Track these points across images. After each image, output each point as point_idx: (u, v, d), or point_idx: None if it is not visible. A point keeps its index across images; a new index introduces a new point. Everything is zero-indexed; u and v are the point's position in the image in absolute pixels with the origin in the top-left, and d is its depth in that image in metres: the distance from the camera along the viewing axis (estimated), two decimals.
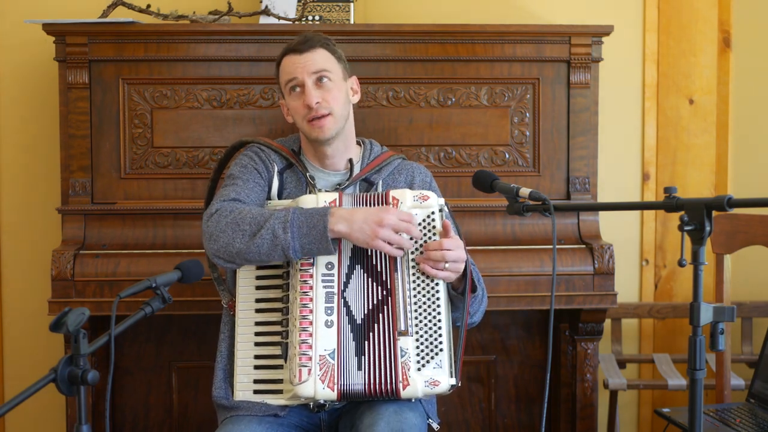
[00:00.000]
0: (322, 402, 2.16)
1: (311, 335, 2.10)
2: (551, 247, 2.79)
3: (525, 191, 2.04)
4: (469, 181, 2.29)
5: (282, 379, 2.16)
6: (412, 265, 2.16)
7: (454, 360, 2.14)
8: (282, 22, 2.93)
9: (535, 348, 3.07)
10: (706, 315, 1.70)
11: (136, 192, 2.87)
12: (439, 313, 2.14)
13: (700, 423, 1.72)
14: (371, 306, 2.15)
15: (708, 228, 1.70)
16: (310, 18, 3.01)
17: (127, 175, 2.87)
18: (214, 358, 2.31)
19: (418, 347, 2.12)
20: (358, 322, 2.15)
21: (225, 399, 2.23)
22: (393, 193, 2.19)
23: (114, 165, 2.87)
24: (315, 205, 2.16)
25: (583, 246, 2.85)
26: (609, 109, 3.26)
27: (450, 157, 2.94)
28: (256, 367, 2.19)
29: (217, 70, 2.88)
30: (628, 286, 3.37)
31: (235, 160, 2.37)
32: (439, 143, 2.93)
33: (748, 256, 3.01)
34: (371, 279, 2.16)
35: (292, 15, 2.98)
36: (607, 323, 3.18)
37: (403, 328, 2.13)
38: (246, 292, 2.22)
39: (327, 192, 2.25)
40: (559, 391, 3.02)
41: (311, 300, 2.12)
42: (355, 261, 2.17)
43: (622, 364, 3.22)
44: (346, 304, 2.15)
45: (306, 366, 2.08)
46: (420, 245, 2.17)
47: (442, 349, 2.12)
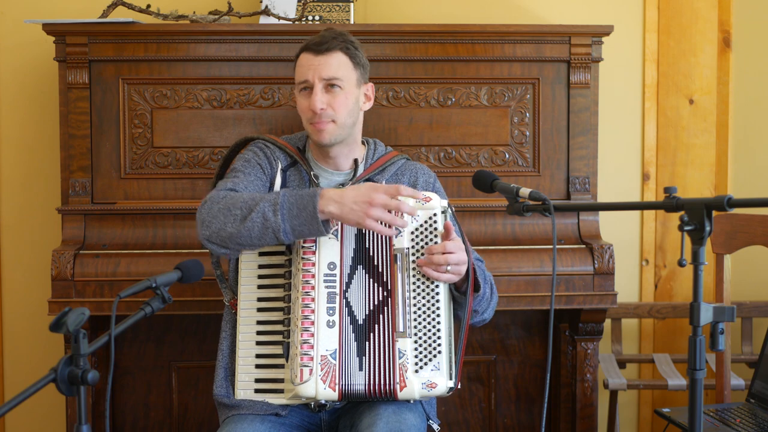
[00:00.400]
0: (323, 402, 2.16)
1: (313, 335, 2.10)
2: (551, 247, 2.79)
3: (525, 191, 2.04)
4: (469, 181, 2.29)
5: (283, 378, 2.16)
6: (413, 267, 2.15)
7: (453, 362, 2.14)
8: (282, 22, 2.93)
9: (535, 348, 3.07)
10: (706, 315, 1.70)
11: (136, 192, 2.87)
12: (438, 315, 2.13)
13: (700, 423, 1.72)
14: (372, 306, 2.15)
15: (708, 228, 1.70)
16: (310, 18, 3.01)
17: (127, 175, 2.87)
18: (214, 358, 2.31)
19: (416, 349, 2.12)
20: (359, 322, 2.14)
21: (226, 397, 2.23)
22: None
23: (114, 165, 2.87)
24: None
25: (583, 246, 2.85)
26: (609, 109, 3.26)
27: (450, 157, 2.94)
28: (258, 366, 2.18)
29: (217, 70, 2.88)
30: (628, 286, 3.37)
31: (239, 155, 2.36)
32: (439, 143, 2.93)
33: (748, 256, 3.01)
34: (372, 279, 2.16)
35: (292, 15, 2.98)
36: (607, 323, 3.18)
37: (401, 330, 2.12)
38: (248, 291, 2.21)
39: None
40: (559, 391, 3.02)
41: (313, 300, 2.12)
42: (357, 261, 2.17)
43: (622, 364, 3.22)
44: (348, 304, 2.15)
45: (307, 366, 2.08)
46: (421, 247, 2.16)
47: (440, 351, 2.11)
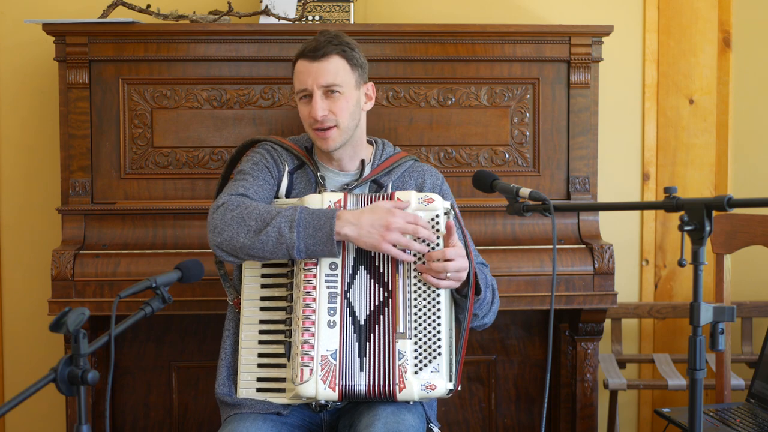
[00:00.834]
0: (323, 402, 2.16)
1: (314, 335, 2.10)
2: (551, 247, 2.79)
3: (525, 191, 2.04)
4: (469, 181, 2.29)
5: (285, 378, 2.16)
6: (414, 267, 2.15)
7: (453, 364, 2.14)
8: (282, 22, 2.93)
9: (535, 348, 3.07)
10: (706, 315, 1.70)
11: (136, 192, 2.88)
12: (438, 317, 2.13)
13: (700, 423, 1.72)
14: (373, 307, 2.15)
15: (708, 228, 1.70)
16: (310, 18, 3.01)
17: (127, 175, 2.87)
18: (214, 358, 2.31)
19: (416, 350, 2.11)
20: (360, 323, 2.14)
21: (228, 396, 2.23)
22: (398, 194, 2.18)
23: (114, 165, 2.87)
24: (320, 204, 2.15)
25: (583, 246, 2.85)
26: (609, 109, 3.26)
27: (450, 157, 2.94)
28: (260, 365, 2.18)
29: (217, 70, 2.88)
30: (628, 286, 3.37)
31: (246, 156, 2.35)
32: (439, 143, 2.93)
33: (748, 256, 3.01)
34: (374, 280, 2.16)
35: (292, 15, 2.98)
36: (607, 323, 3.18)
37: (401, 331, 2.12)
38: (251, 291, 2.22)
39: (333, 192, 2.24)
40: (559, 391, 3.02)
41: (314, 300, 2.12)
42: (359, 262, 2.17)
43: (622, 364, 3.22)
44: (349, 304, 2.14)
45: (308, 366, 2.08)
46: (425, 248, 2.15)
47: (440, 353, 2.11)
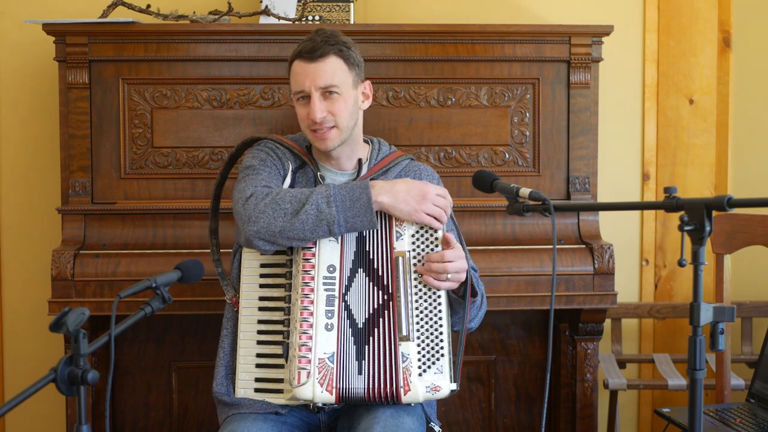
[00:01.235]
0: (320, 405, 2.16)
1: (311, 338, 2.09)
2: (551, 247, 2.79)
3: (525, 191, 2.04)
4: (469, 181, 2.29)
5: (283, 378, 2.16)
6: (414, 270, 2.15)
7: (453, 364, 2.14)
8: (282, 22, 2.93)
9: (535, 348, 3.07)
10: (706, 315, 1.70)
11: (136, 192, 2.87)
12: (440, 318, 2.13)
13: (700, 423, 1.72)
14: (372, 310, 2.14)
15: (708, 228, 1.70)
16: (310, 18, 3.01)
17: (127, 175, 2.87)
18: (214, 358, 2.31)
19: (419, 353, 2.11)
20: (359, 326, 2.14)
21: (226, 395, 2.23)
22: None
23: (114, 165, 2.87)
24: None
25: (583, 246, 2.85)
26: (609, 109, 3.26)
27: (450, 157, 2.94)
28: (258, 365, 2.18)
29: (217, 70, 2.88)
30: (628, 286, 3.37)
31: (250, 154, 2.33)
32: (439, 143, 2.93)
33: (748, 256, 3.01)
34: (373, 283, 2.15)
35: (292, 15, 2.98)
36: (607, 323, 3.18)
37: (404, 334, 2.12)
38: (250, 290, 2.21)
39: None
40: (559, 391, 3.02)
41: (312, 302, 2.11)
42: (357, 264, 2.16)
43: (622, 364, 3.22)
44: (347, 307, 2.14)
45: (305, 369, 2.07)
46: (422, 250, 2.15)
47: (443, 355, 2.11)
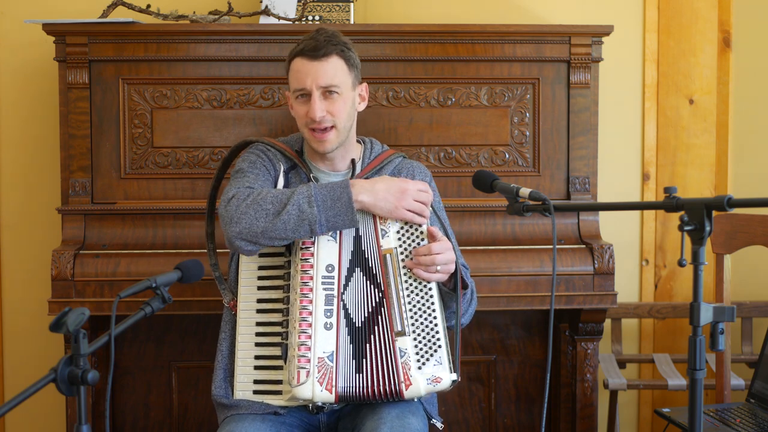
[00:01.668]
0: (320, 404, 2.16)
1: (310, 337, 2.10)
2: (551, 247, 2.79)
3: (525, 191, 2.04)
4: (469, 181, 2.29)
5: (281, 380, 2.16)
6: (403, 266, 2.16)
7: (452, 355, 2.15)
8: (282, 22, 2.93)
9: (535, 348, 3.07)
10: (706, 315, 1.70)
11: (136, 192, 2.87)
12: (434, 311, 2.15)
13: (700, 423, 1.72)
14: (370, 309, 2.15)
15: (708, 228, 1.70)
16: (310, 18, 3.01)
17: (127, 175, 2.87)
18: (214, 358, 2.31)
19: (416, 346, 2.12)
20: (357, 324, 2.14)
21: (225, 398, 2.23)
22: None
23: (114, 165, 2.87)
24: None
25: (583, 246, 2.85)
26: (609, 109, 3.26)
27: (450, 157, 2.94)
28: (256, 367, 2.19)
29: (217, 70, 2.88)
30: (628, 286, 3.36)
31: (241, 157, 2.35)
32: (439, 143, 2.93)
33: (748, 256, 3.01)
34: (369, 281, 2.16)
35: (292, 15, 2.98)
36: (607, 323, 3.18)
37: (399, 329, 2.13)
38: (247, 292, 2.22)
39: None
40: (559, 391, 3.02)
41: (311, 302, 2.12)
42: (354, 264, 2.17)
43: (622, 364, 3.22)
44: (345, 306, 2.15)
45: (304, 368, 2.08)
46: (409, 245, 2.17)
47: (440, 346, 2.12)
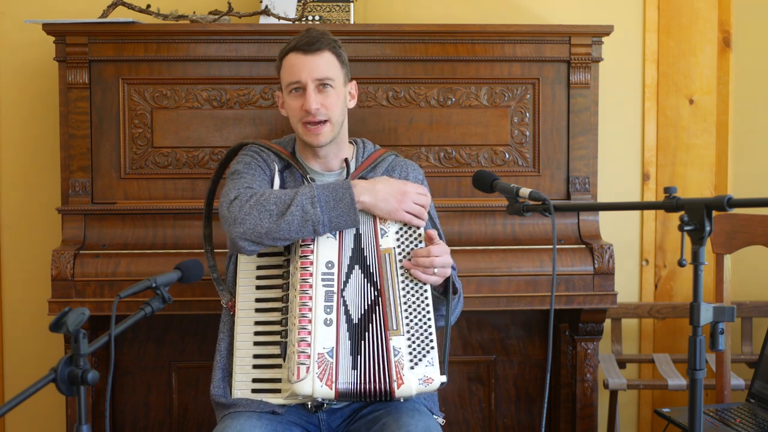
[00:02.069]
0: (320, 400, 2.16)
1: (310, 333, 2.10)
2: (551, 247, 2.79)
3: (525, 191, 2.04)
4: (469, 181, 2.29)
5: (281, 378, 2.17)
6: (401, 266, 2.18)
7: (442, 357, 2.17)
8: (282, 22, 2.93)
9: (535, 348, 3.07)
10: (706, 315, 1.70)
11: (136, 192, 2.87)
12: (428, 311, 2.16)
13: (700, 423, 1.72)
14: (366, 306, 2.17)
15: (708, 228, 1.70)
16: (310, 18, 3.01)
17: (127, 175, 2.87)
18: (213, 358, 2.31)
19: (410, 346, 2.14)
20: (354, 321, 2.16)
21: (223, 397, 2.23)
22: None
23: (114, 165, 2.87)
24: None
25: (583, 246, 2.85)
26: (609, 109, 3.26)
27: (450, 157, 2.94)
28: (255, 366, 2.19)
29: (217, 70, 2.88)
30: (628, 286, 3.36)
31: (236, 159, 2.36)
32: (439, 143, 2.93)
33: (748, 256, 3.01)
34: (366, 279, 2.18)
35: (292, 15, 2.98)
36: (607, 323, 3.18)
37: (395, 328, 2.14)
38: (246, 292, 2.22)
39: None
40: (559, 391, 3.02)
41: (311, 298, 2.12)
42: (354, 261, 2.18)
43: (622, 364, 3.22)
44: (344, 303, 2.16)
45: (304, 364, 2.08)
46: (407, 245, 2.19)
47: (433, 347, 2.14)
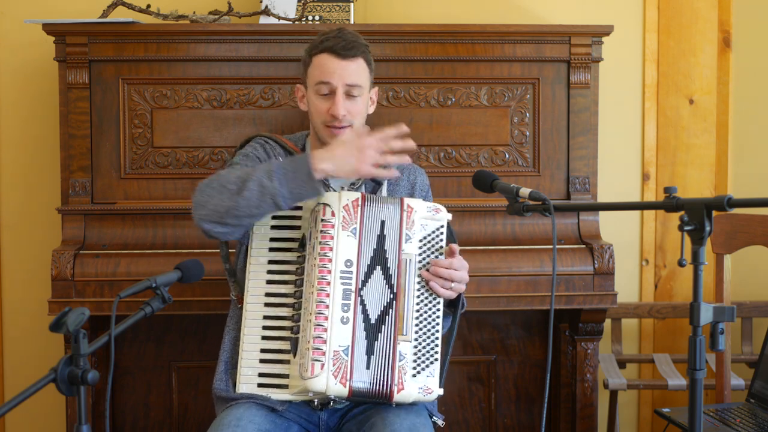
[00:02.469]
0: (332, 398, 2.15)
1: (326, 330, 2.09)
2: (551, 247, 2.79)
3: (525, 191, 2.04)
4: (469, 181, 2.29)
5: (288, 374, 2.15)
6: (418, 274, 2.17)
7: (441, 370, 2.17)
8: (282, 22, 2.93)
9: (535, 348, 3.07)
10: (706, 315, 1.70)
11: (136, 192, 2.87)
12: (438, 323, 2.16)
13: (700, 423, 1.72)
14: (383, 307, 2.16)
15: (708, 228, 1.70)
16: (310, 18, 3.01)
17: (127, 175, 2.87)
18: (214, 358, 2.31)
19: (415, 353, 2.13)
20: (371, 321, 2.14)
21: (225, 391, 2.22)
22: (407, 201, 2.20)
23: (114, 165, 2.87)
24: (338, 202, 2.15)
25: (583, 246, 2.85)
26: (609, 109, 3.26)
27: (450, 157, 2.94)
28: (262, 360, 2.17)
29: (217, 70, 2.88)
30: (628, 286, 3.37)
31: (240, 151, 2.36)
32: (439, 143, 2.93)
33: (748, 256, 3.01)
34: (386, 281, 2.17)
35: (292, 15, 2.98)
36: (607, 323, 3.18)
37: (404, 333, 2.13)
38: (255, 286, 2.20)
39: (349, 191, 2.23)
40: (559, 391, 3.02)
41: (328, 295, 2.11)
42: (375, 261, 2.17)
43: (622, 364, 3.22)
44: (362, 302, 2.14)
45: (319, 360, 2.07)
46: (427, 255, 2.18)
47: (437, 359, 2.14)
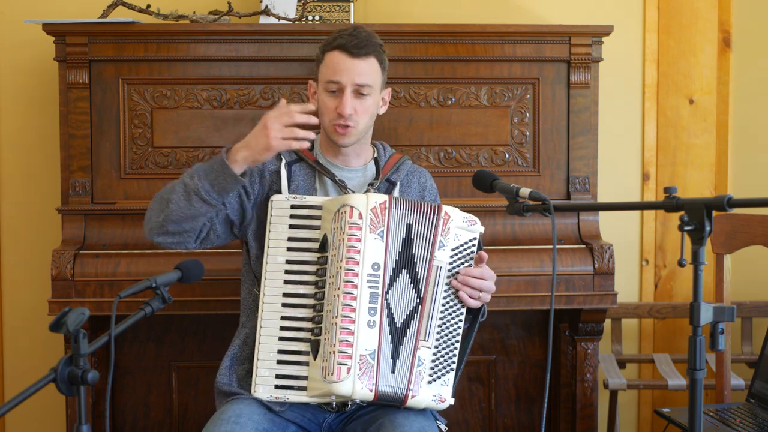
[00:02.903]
0: (357, 401, 2.13)
1: (353, 334, 2.07)
2: (551, 247, 2.79)
3: (525, 191, 2.04)
4: (469, 181, 2.29)
5: (307, 375, 2.12)
6: (446, 282, 2.17)
7: (454, 381, 2.17)
8: (282, 22, 2.93)
9: (535, 348, 3.07)
10: (706, 315, 1.70)
11: (136, 192, 2.87)
12: (458, 333, 2.16)
13: (700, 423, 1.72)
14: (408, 312, 2.15)
15: (708, 228, 1.70)
16: (310, 18, 3.01)
17: (127, 175, 2.87)
18: (214, 358, 2.32)
19: (433, 361, 2.13)
20: (397, 325, 2.14)
21: (227, 386, 2.21)
22: (445, 208, 2.20)
23: (114, 165, 2.87)
24: (365, 204, 2.12)
25: (583, 246, 2.85)
26: (609, 109, 3.26)
27: (450, 157, 2.94)
28: (280, 362, 2.14)
29: (217, 70, 2.88)
30: (628, 286, 3.37)
31: None
32: (439, 143, 2.93)
33: (748, 256, 3.01)
34: (412, 285, 2.16)
35: (292, 15, 2.98)
36: (607, 323, 3.18)
37: (425, 339, 2.13)
38: (273, 285, 2.18)
39: (377, 193, 2.23)
40: (559, 391, 3.02)
41: (355, 299, 2.09)
42: (402, 265, 2.16)
43: (622, 364, 3.22)
44: (388, 306, 2.13)
45: (345, 364, 2.05)
46: (458, 265, 2.18)
47: (453, 369, 2.14)
